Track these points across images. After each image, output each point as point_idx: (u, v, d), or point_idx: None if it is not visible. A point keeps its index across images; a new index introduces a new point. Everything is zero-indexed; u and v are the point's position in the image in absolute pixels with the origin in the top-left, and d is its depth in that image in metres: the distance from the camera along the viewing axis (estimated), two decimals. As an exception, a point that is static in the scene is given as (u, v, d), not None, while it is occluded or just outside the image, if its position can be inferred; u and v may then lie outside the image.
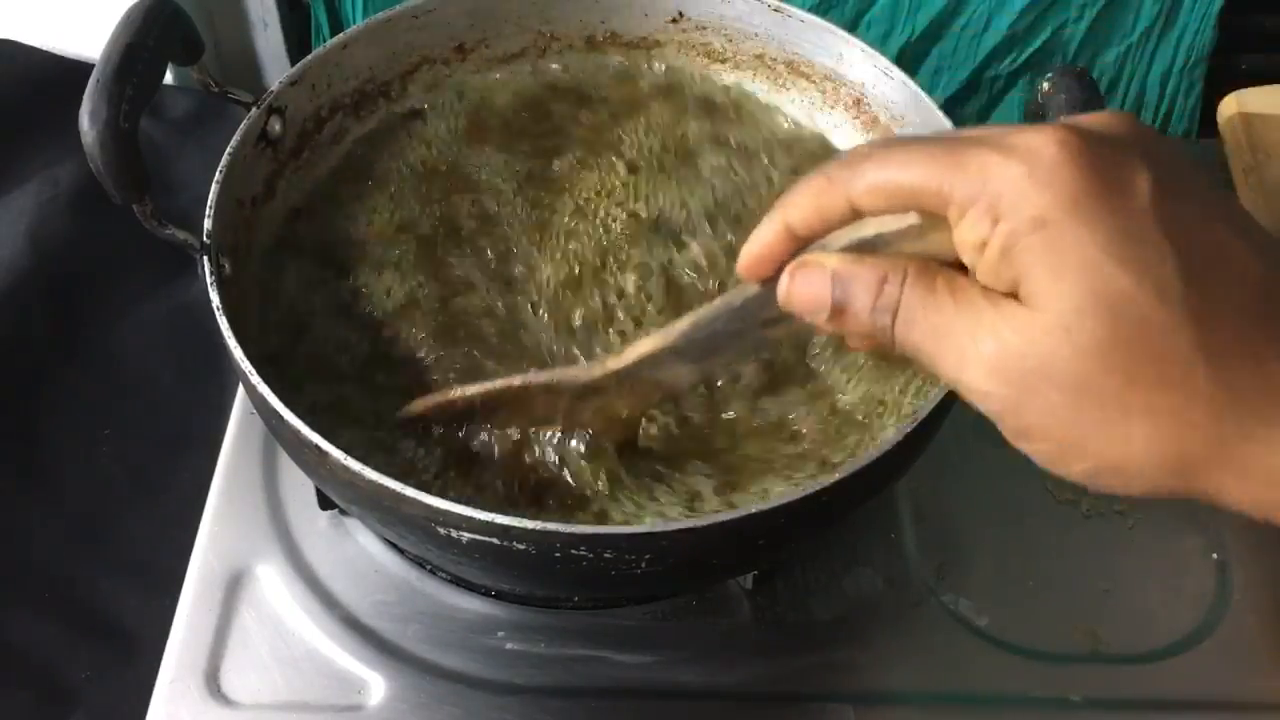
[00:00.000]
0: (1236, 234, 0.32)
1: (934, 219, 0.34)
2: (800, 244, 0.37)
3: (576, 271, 0.64)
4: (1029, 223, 0.32)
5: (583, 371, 0.51)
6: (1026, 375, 0.32)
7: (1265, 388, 0.31)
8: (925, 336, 0.34)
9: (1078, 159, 0.32)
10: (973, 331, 0.33)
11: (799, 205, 0.36)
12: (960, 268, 0.35)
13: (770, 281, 0.38)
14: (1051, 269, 0.32)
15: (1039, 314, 0.32)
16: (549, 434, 0.54)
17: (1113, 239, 0.31)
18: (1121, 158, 0.32)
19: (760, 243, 0.38)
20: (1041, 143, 0.32)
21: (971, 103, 0.96)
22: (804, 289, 0.37)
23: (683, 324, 0.45)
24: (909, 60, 0.92)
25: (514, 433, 0.55)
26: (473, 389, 0.54)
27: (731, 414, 0.58)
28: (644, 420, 0.55)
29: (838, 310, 0.36)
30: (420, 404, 0.56)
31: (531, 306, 0.63)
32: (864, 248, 0.36)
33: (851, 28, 0.80)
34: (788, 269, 0.37)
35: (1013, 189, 0.32)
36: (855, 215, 0.35)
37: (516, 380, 0.52)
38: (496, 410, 0.54)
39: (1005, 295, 0.33)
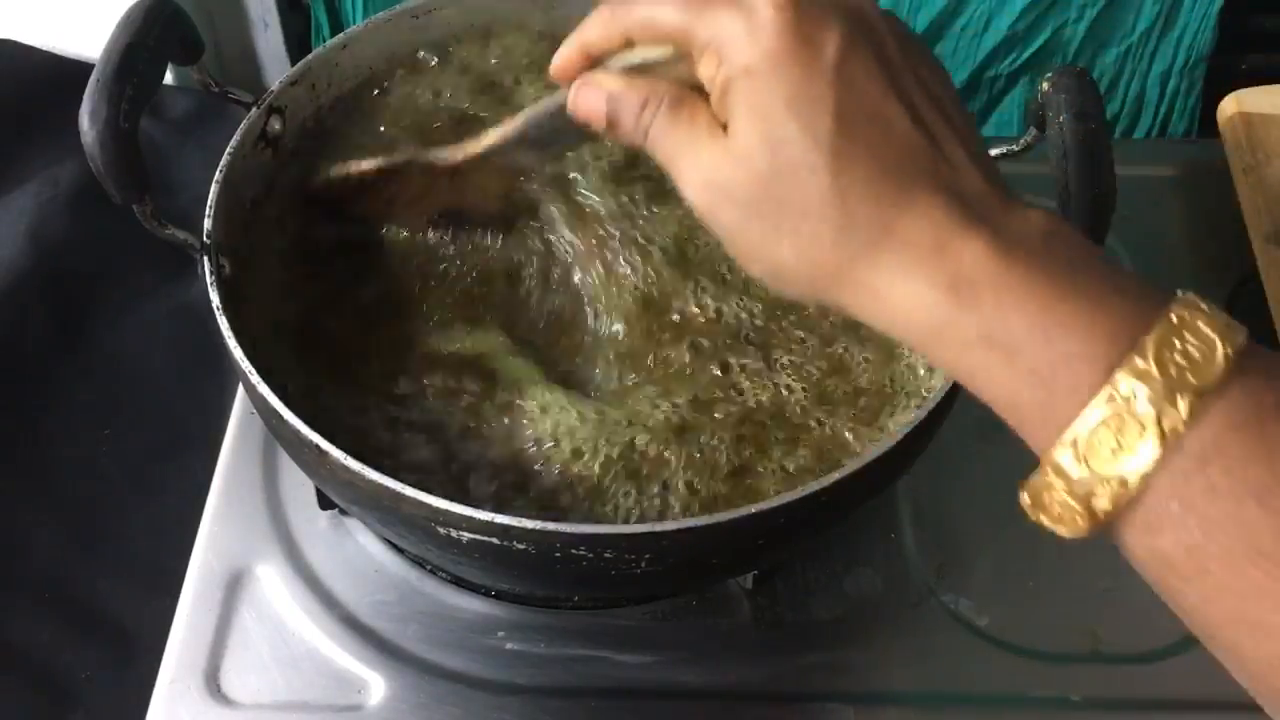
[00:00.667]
0: (901, 101, 0.39)
1: (684, 53, 0.42)
2: (592, 60, 0.45)
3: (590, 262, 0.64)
4: (740, 70, 0.39)
5: (449, 152, 0.58)
6: (718, 193, 0.40)
7: (879, 224, 0.38)
8: (667, 154, 0.42)
9: (786, 19, 0.38)
10: (694, 154, 0.41)
11: (591, 29, 0.45)
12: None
13: None
14: (745, 111, 0.39)
15: (732, 146, 0.39)
16: None
17: (794, 92, 0.38)
18: (825, 20, 0.39)
19: (563, 57, 0.46)
20: (763, 2, 0.38)
21: (971, 103, 0.96)
22: (585, 103, 0.44)
23: (518, 121, 0.53)
24: (909, 60, 0.92)
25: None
26: (366, 164, 0.61)
27: None
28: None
29: (610, 123, 0.43)
30: (323, 179, 0.62)
31: (538, 298, 0.63)
32: (637, 70, 0.43)
33: (851, 28, 0.79)
34: (575, 87, 0.45)
35: (734, 40, 0.39)
36: (629, 43, 0.44)
37: (399, 158, 0.60)
38: (390, 190, 0.61)
39: (724, 128, 0.40)
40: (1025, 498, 0.39)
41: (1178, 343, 0.34)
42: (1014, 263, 0.36)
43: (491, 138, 0.55)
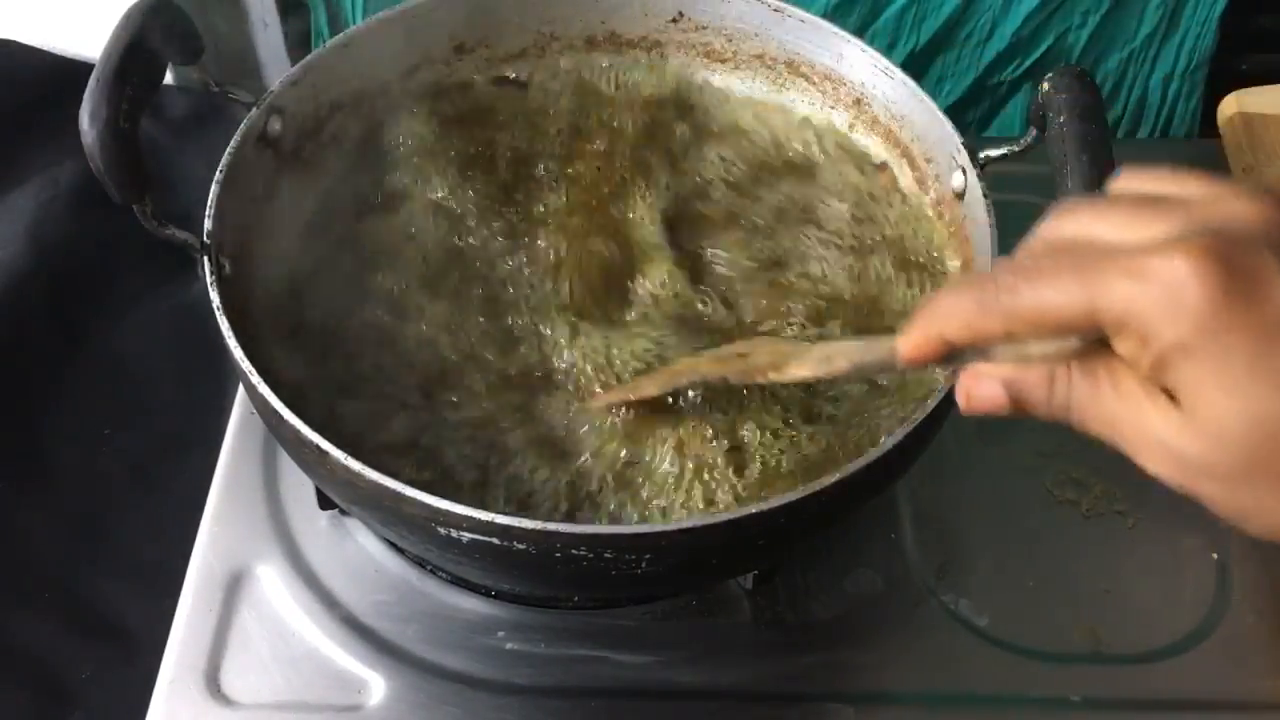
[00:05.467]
0: None
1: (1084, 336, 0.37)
2: (955, 350, 0.40)
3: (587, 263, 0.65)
4: (1173, 348, 0.34)
5: (737, 375, 0.55)
6: (1189, 469, 0.36)
7: None
8: (1101, 426, 0.38)
9: (1208, 278, 0.33)
10: (1139, 425, 0.36)
11: (953, 322, 0.39)
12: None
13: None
14: (1199, 389, 0.34)
15: (1195, 422, 0.35)
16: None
17: (1252, 358, 0.33)
18: (1254, 264, 0.33)
19: (916, 346, 0.41)
20: (1171, 265, 0.33)
21: (975, 109, 0.96)
22: (981, 398, 0.40)
23: (839, 364, 0.48)
24: (912, 70, 0.92)
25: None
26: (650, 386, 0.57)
27: None
28: None
29: (1015, 407, 0.39)
30: (603, 400, 0.58)
31: (533, 303, 0.63)
32: (1028, 359, 0.39)
33: (855, 38, 0.79)
34: (962, 383, 0.41)
35: (1153, 316, 0.34)
36: (1009, 339, 0.38)
37: (683, 380, 0.57)
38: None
39: (1164, 391, 0.36)
40: None
41: None
42: None
43: (803, 372, 0.51)
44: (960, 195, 0.63)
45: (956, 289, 0.39)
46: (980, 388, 0.40)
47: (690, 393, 0.58)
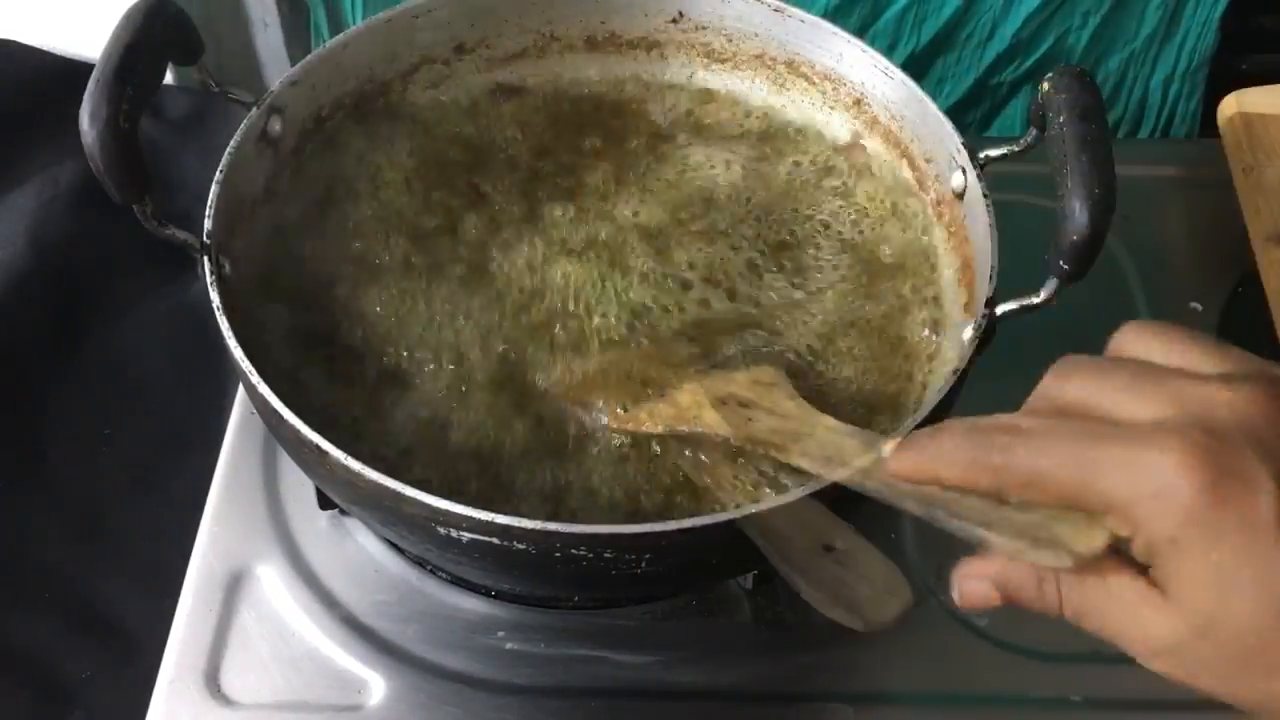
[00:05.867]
0: None
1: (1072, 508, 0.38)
2: (945, 485, 0.41)
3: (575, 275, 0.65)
4: (1162, 540, 0.35)
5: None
6: (1184, 663, 0.38)
7: None
8: (1094, 623, 0.39)
9: (1195, 476, 0.34)
10: (1134, 622, 0.38)
11: (946, 466, 0.40)
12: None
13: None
14: (1186, 583, 0.36)
15: (1184, 615, 0.36)
16: None
17: (1235, 559, 0.34)
18: (1239, 464, 0.34)
19: (908, 469, 0.42)
20: (1160, 462, 0.35)
21: (975, 110, 0.96)
22: (973, 595, 0.41)
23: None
24: (913, 71, 0.92)
25: None
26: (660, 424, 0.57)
27: None
28: None
29: (1009, 600, 0.41)
30: (621, 425, 0.58)
31: (524, 309, 0.63)
32: (1020, 557, 0.40)
33: (856, 40, 0.79)
34: (955, 580, 0.42)
35: (1143, 506, 0.35)
36: (999, 496, 0.39)
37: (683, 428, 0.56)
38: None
39: (1153, 583, 0.37)
40: None
41: None
42: None
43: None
44: (960, 195, 0.63)
45: (958, 433, 0.40)
46: (970, 586, 0.41)
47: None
